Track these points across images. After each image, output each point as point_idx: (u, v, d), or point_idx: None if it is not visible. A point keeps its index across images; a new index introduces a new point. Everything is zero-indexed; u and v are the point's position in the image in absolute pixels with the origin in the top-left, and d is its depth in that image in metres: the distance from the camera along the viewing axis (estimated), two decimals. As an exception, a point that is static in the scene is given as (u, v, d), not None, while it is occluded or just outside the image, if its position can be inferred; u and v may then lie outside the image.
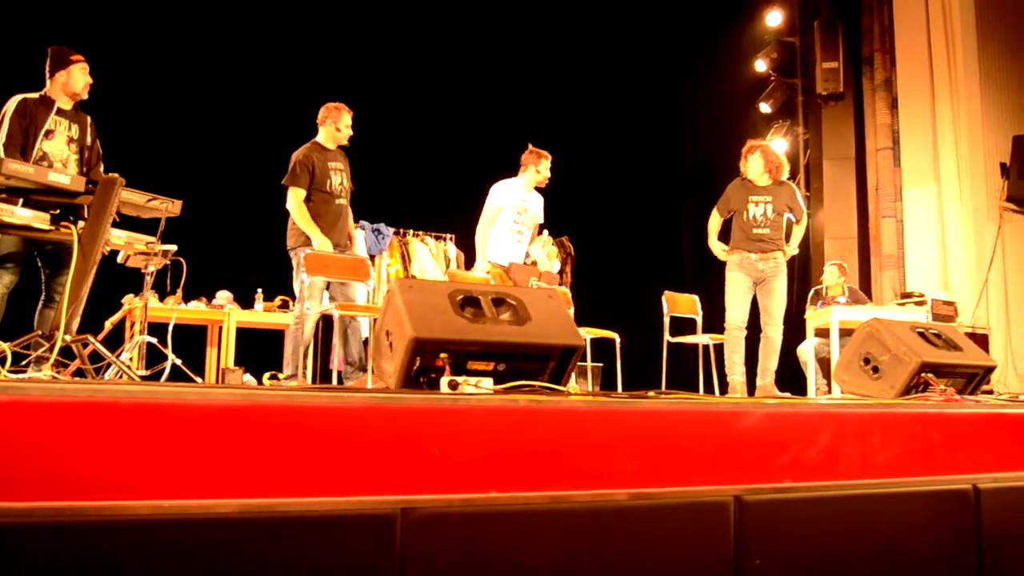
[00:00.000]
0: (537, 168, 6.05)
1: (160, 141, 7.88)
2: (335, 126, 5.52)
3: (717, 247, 6.05)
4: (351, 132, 5.57)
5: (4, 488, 1.54)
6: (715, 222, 6.10)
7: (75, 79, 4.57)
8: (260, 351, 7.32)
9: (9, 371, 3.18)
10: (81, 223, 3.78)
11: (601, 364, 6.55)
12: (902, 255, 9.10)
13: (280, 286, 7.05)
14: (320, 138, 5.55)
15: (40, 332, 3.77)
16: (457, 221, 8.09)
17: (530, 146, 6.14)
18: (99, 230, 3.71)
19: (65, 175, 3.75)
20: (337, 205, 5.48)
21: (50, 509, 1.56)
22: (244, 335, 6.93)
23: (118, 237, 4.03)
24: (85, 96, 4.63)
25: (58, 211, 3.80)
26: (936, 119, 8.84)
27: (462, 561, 1.91)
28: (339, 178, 5.50)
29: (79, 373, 3.68)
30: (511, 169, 6.13)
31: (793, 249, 5.97)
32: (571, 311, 6.26)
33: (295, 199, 5.37)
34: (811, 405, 2.66)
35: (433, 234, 8.61)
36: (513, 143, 6.17)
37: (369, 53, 9.05)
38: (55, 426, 1.61)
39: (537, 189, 6.16)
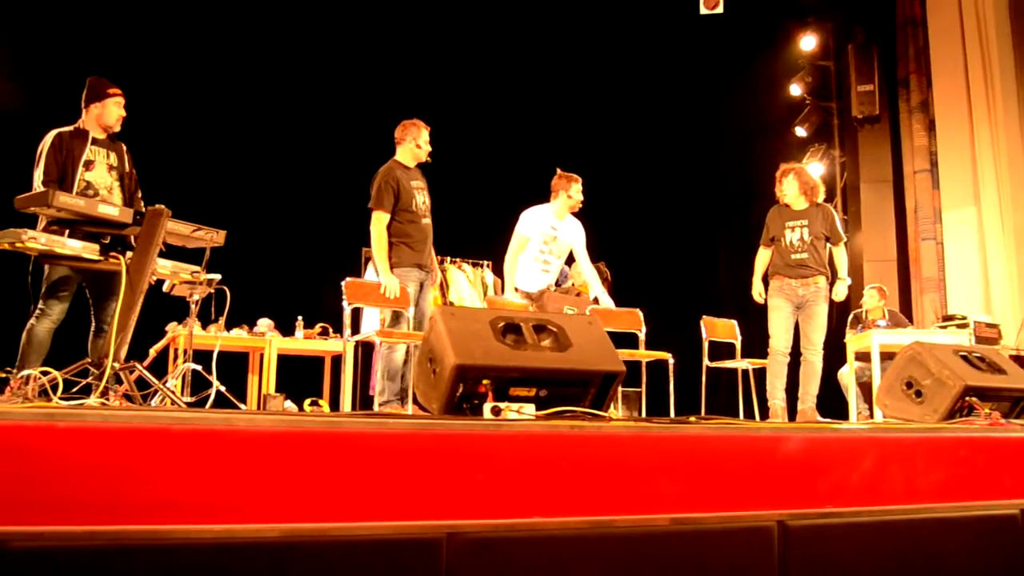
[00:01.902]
0: (568, 193, 5.88)
1: (204, 173, 8.03)
2: (415, 143, 5.34)
3: (757, 288, 5.99)
4: (430, 148, 5.40)
5: (66, 511, 1.59)
6: (761, 259, 6.02)
7: (109, 112, 4.61)
8: (300, 378, 7.39)
9: (60, 398, 3.25)
10: (129, 253, 3.87)
11: (639, 390, 6.53)
12: (943, 277, 9.00)
13: (320, 314, 7.13)
14: (399, 156, 5.38)
15: (90, 360, 3.85)
16: (494, 247, 8.13)
17: (559, 171, 5.99)
18: (146, 260, 3.79)
19: (114, 206, 3.85)
20: (424, 224, 5.31)
21: (109, 533, 1.61)
22: (285, 362, 7.00)
23: (164, 267, 4.11)
24: (118, 128, 4.67)
25: (108, 241, 3.90)
26: (975, 140, 8.77)
27: (507, 585, 1.93)
28: (422, 197, 5.33)
29: (127, 399, 3.76)
30: (548, 193, 6.08)
31: (845, 278, 5.89)
32: (643, 330, 6.29)
33: (378, 224, 5.18)
34: (854, 430, 2.64)
35: (470, 261, 8.65)
36: (549, 168, 6.12)
37: (403, 79, 9.15)
38: (111, 451, 1.65)
39: (574, 215, 6.04)
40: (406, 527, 1.86)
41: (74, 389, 3.63)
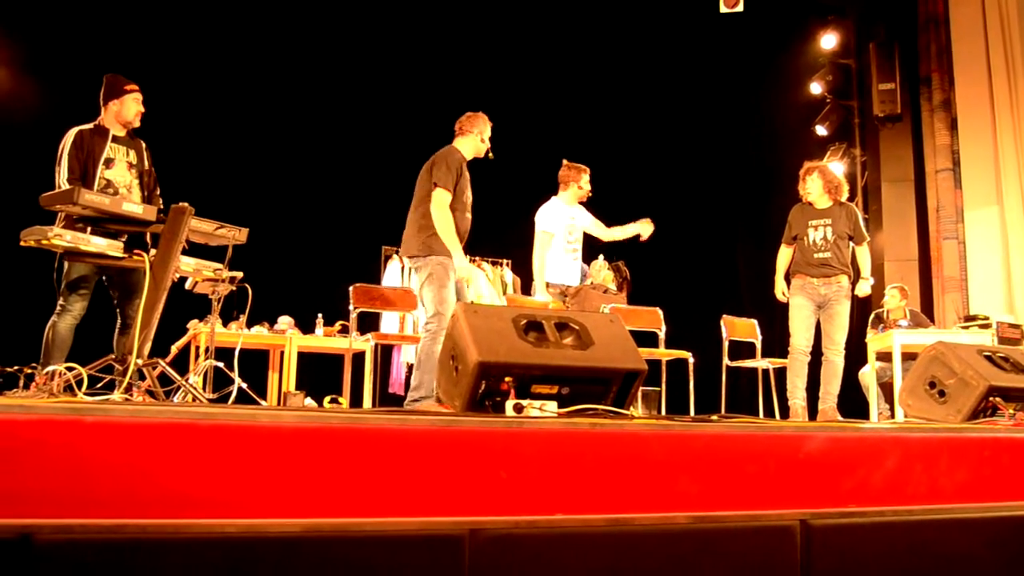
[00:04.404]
0: (579, 184, 5.99)
1: (227, 170, 8.08)
2: (480, 136, 5.13)
3: (780, 287, 5.96)
4: (490, 144, 5.19)
5: (94, 505, 1.60)
6: (783, 257, 6.00)
7: (128, 108, 4.66)
8: (320, 375, 7.41)
9: (84, 394, 3.28)
10: (152, 251, 3.90)
11: (658, 388, 6.53)
12: (965, 277, 8.93)
13: (340, 312, 7.15)
14: (462, 147, 5.12)
15: (114, 356, 3.88)
16: (513, 246, 8.14)
17: (566, 162, 6.08)
18: (170, 258, 3.83)
19: (138, 205, 3.88)
20: (468, 219, 5.06)
21: (135, 526, 1.62)
22: (304, 360, 7.02)
23: (187, 264, 4.14)
24: (137, 124, 4.71)
25: (125, 238, 3.94)
26: (997, 139, 8.70)
27: (529, 582, 1.93)
28: (470, 192, 5.09)
29: (150, 395, 3.79)
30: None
31: (868, 278, 5.88)
32: (663, 329, 6.32)
33: (443, 202, 4.84)
34: (877, 429, 2.63)
35: (490, 259, 8.64)
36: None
37: (421, 78, 9.17)
38: (138, 446, 1.67)
39: (580, 203, 6.11)
40: (428, 523, 1.87)
41: (97, 385, 3.67)
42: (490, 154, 5.19)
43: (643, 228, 6.06)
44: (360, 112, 9.01)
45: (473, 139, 5.14)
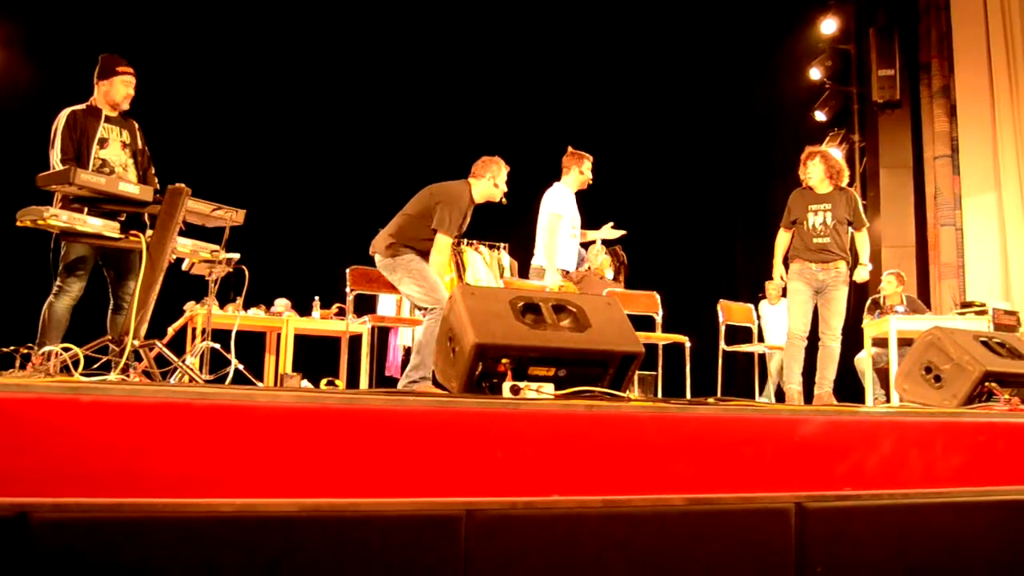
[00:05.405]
0: (580, 169, 5.96)
1: (225, 151, 8.06)
2: (494, 181, 5.06)
3: (778, 271, 5.92)
4: (506, 188, 5.12)
5: (91, 484, 1.60)
6: (782, 241, 5.94)
7: (116, 90, 4.62)
8: (317, 358, 7.41)
9: (81, 375, 3.28)
10: (149, 231, 3.89)
11: (655, 372, 6.54)
12: (962, 264, 8.94)
13: (336, 294, 7.15)
14: (474, 189, 5.05)
15: (110, 337, 3.88)
16: (511, 230, 8.12)
17: (570, 148, 6.06)
18: (166, 238, 3.81)
19: (135, 185, 3.87)
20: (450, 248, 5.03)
21: (132, 505, 1.63)
22: (301, 342, 7.02)
23: (184, 245, 4.12)
24: (126, 107, 4.67)
25: (124, 219, 3.93)
26: (996, 126, 8.70)
27: (525, 562, 1.94)
28: (463, 229, 5.09)
29: (146, 376, 3.79)
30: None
31: (867, 263, 5.86)
32: (660, 313, 6.33)
33: (445, 247, 4.88)
34: (872, 413, 2.64)
35: (487, 243, 8.63)
36: (565, 150, 6.16)
37: (420, 62, 9.14)
38: (135, 425, 1.67)
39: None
40: (425, 503, 1.87)
41: (94, 366, 3.67)
42: (503, 200, 5.13)
43: (607, 233, 6.07)
44: (358, 94, 8.99)
45: (485, 184, 5.07)
